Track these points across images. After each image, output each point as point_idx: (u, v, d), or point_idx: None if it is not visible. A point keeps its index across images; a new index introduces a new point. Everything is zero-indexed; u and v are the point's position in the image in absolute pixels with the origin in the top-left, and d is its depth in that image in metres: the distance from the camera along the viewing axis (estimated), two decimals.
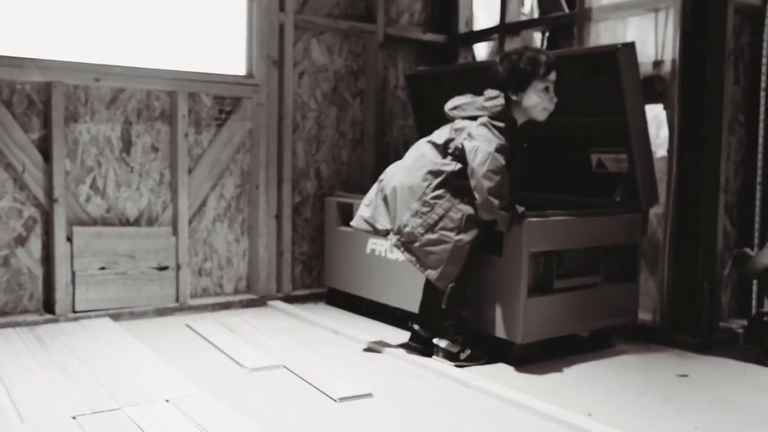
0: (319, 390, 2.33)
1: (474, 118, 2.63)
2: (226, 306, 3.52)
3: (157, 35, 3.40)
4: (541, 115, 2.68)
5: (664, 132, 3.08)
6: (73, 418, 2.02)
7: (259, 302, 3.61)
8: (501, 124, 2.58)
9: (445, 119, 2.77)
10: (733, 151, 3.24)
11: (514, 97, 2.64)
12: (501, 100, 2.61)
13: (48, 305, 3.14)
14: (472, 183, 2.52)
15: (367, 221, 2.72)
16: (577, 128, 3.06)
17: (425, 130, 3.72)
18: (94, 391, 2.24)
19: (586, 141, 3.11)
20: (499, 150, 2.52)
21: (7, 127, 3.00)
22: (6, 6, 3.02)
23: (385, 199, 2.68)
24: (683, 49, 3.00)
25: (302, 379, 2.44)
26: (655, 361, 2.76)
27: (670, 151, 3.03)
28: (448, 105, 2.77)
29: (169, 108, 3.40)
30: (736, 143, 3.26)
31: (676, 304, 3.02)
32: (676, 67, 3.02)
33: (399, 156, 4.07)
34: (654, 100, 3.08)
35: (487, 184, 2.47)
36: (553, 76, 2.64)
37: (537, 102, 2.64)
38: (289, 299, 3.67)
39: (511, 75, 2.63)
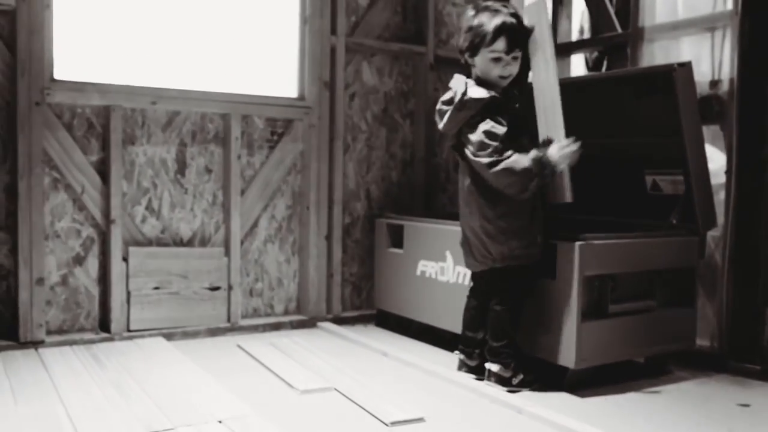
0: (371, 413, 2.32)
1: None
2: (277, 327, 3.54)
3: (212, 59, 3.47)
4: (499, 82, 2.56)
5: (722, 153, 3.01)
6: None
7: (309, 323, 3.63)
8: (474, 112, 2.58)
9: None
10: None
11: (471, 62, 2.59)
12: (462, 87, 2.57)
13: (104, 324, 3.20)
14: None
15: None
16: (631, 149, 3.02)
17: None
18: (149, 411, 2.26)
19: (641, 162, 3.07)
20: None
21: (67, 149, 3.09)
22: (67, 32, 3.11)
23: None
24: (741, 69, 2.94)
25: (353, 402, 2.44)
26: (714, 390, 2.68)
27: (728, 172, 2.96)
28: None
29: (222, 130, 3.46)
30: None
31: (735, 330, 2.93)
32: (734, 86, 2.96)
33: (449, 177, 4.10)
34: (711, 121, 3.02)
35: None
36: (500, 44, 2.49)
37: (489, 69, 2.54)
38: (339, 321, 3.67)
39: (464, 41, 2.57)
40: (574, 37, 3.94)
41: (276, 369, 2.80)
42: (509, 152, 2.45)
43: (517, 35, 2.52)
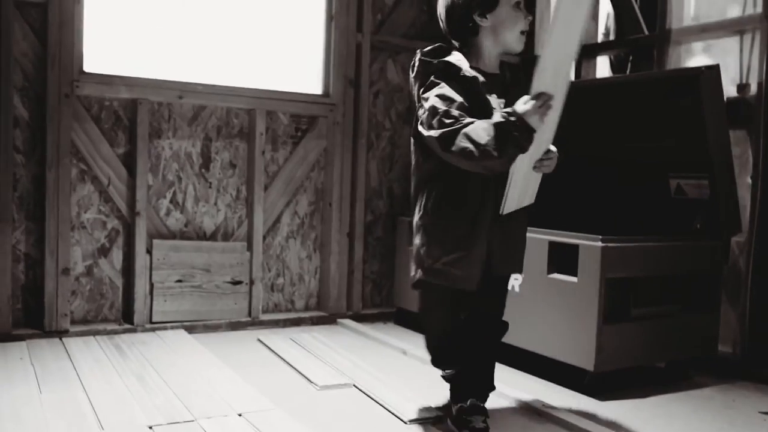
0: (389, 411, 2.33)
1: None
2: (297, 322, 3.57)
3: (238, 54, 3.49)
4: (518, 43, 2.07)
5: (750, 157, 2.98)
6: (150, 428, 2.07)
7: (329, 320, 3.64)
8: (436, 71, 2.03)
9: None
10: None
11: (481, 22, 2.03)
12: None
13: (127, 315, 3.24)
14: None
15: None
16: (656, 153, 2.99)
17: None
18: (170, 402, 2.29)
19: (666, 166, 3.04)
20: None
21: (95, 141, 3.13)
22: (97, 26, 3.15)
23: None
24: None
25: (372, 398, 2.45)
26: (735, 396, 2.66)
27: (754, 177, 2.94)
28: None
29: (247, 125, 3.48)
30: None
31: (758, 337, 2.91)
32: (763, 90, 2.93)
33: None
34: (739, 125, 3.00)
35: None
36: None
37: (511, 23, 2.04)
38: (359, 318, 3.68)
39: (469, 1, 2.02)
40: (600, 38, 3.92)
41: (296, 364, 2.82)
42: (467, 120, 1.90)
43: None
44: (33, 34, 3.00)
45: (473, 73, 2.01)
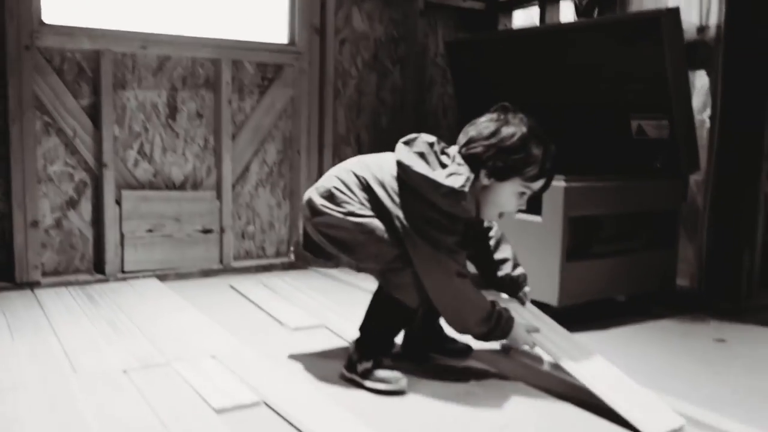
0: None
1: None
2: (268, 268, 3.61)
3: (202, 4, 3.46)
4: (492, 216, 2.10)
5: (707, 99, 3.05)
6: (124, 371, 2.11)
7: (300, 265, 3.70)
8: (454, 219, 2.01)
9: (485, 89, 2.60)
10: None
11: (483, 179, 2.01)
12: (461, 190, 1.95)
13: (98, 266, 3.26)
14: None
15: None
16: (617, 95, 3.04)
17: (465, 97, 3.75)
18: (143, 347, 2.33)
19: (627, 107, 3.10)
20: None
21: (58, 94, 3.10)
22: None
23: None
24: (728, 15, 2.96)
25: (341, 338, 2.51)
26: (692, 326, 2.77)
27: (712, 117, 3.01)
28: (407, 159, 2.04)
29: (213, 75, 3.47)
30: None
31: (714, 271, 3.02)
32: (721, 33, 2.98)
33: (438, 123, 4.13)
34: (697, 67, 3.05)
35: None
36: (538, 184, 2.05)
37: (503, 202, 2.05)
38: None
39: (499, 152, 1.99)
40: None
41: (267, 307, 2.88)
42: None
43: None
44: None
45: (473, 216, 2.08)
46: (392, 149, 2.12)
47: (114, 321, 2.61)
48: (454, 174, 1.97)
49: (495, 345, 2.35)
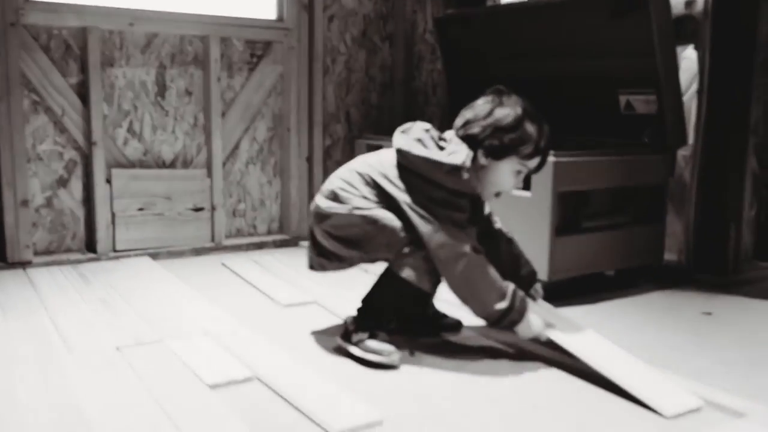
0: None
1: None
2: (260, 246, 3.63)
3: None
4: (490, 196, 2.17)
5: (694, 73, 3.06)
6: (117, 348, 2.13)
7: (292, 242, 3.71)
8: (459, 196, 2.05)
9: (474, 65, 2.62)
10: (763, 92, 3.21)
11: (480, 158, 2.07)
12: (462, 168, 2.01)
13: (90, 245, 3.26)
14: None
15: None
16: (605, 69, 3.05)
17: (454, 73, 3.75)
18: (136, 325, 2.35)
19: (615, 82, 3.11)
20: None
21: (46, 72, 3.08)
22: None
23: None
24: None
25: (333, 314, 2.54)
26: (679, 300, 2.80)
27: (699, 92, 3.02)
28: (404, 144, 2.08)
29: (201, 52, 3.46)
30: (766, 84, 3.22)
31: (701, 245, 3.05)
32: (709, 7, 2.99)
33: (428, 99, 4.13)
34: (685, 41, 3.06)
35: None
36: (534, 162, 2.12)
37: (500, 181, 2.11)
38: None
39: (495, 132, 2.05)
40: None
41: (259, 285, 2.89)
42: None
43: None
44: None
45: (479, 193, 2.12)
46: (382, 126, 2.15)
47: (106, 299, 2.62)
48: (454, 152, 2.03)
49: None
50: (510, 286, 2.03)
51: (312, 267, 2.27)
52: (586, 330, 2.16)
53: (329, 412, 1.71)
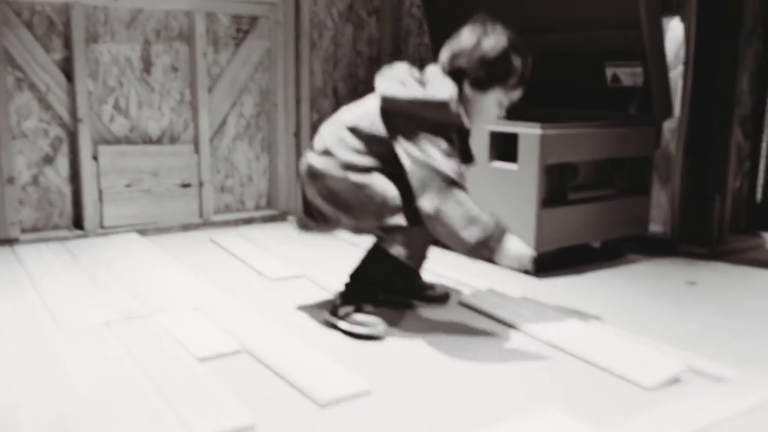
0: None
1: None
2: (248, 221, 3.63)
3: None
4: (473, 124, 2.14)
5: (680, 45, 3.06)
6: (106, 323, 2.14)
7: (280, 217, 3.72)
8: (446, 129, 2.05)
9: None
10: (749, 63, 3.23)
11: (466, 89, 2.08)
12: (449, 100, 2.02)
13: (77, 222, 3.26)
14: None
15: None
16: (592, 42, 3.05)
17: (441, 47, 3.72)
18: (125, 300, 2.36)
19: (602, 55, 3.11)
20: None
21: (29, 48, 3.06)
22: None
23: None
24: None
25: (322, 287, 2.55)
26: (665, 270, 2.83)
27: (685, 63, 3.03)
28: (386, 88, 2.10)
29: (187, 28, 3.43)
30: (752, 55, 3.24)
31: (686, 216, 3.07)
32: None
33: None
34: (671, 12, 3.06)
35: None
36: (517, 93, 2.13)
37: (484, 111, 2.13)
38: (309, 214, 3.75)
39: (482, 64, 2.05)
40: None
41: (248, 259, 2.90)
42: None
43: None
44: None
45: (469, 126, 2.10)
46: None
47: (95, 276, 2.63)
48: (439, 88, 2.03)
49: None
50: (489, 215, 1.97)
51: (298, 227, 2.26)
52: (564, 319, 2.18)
53: (317, 383, 1.73)
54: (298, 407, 1.64)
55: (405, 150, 2.01)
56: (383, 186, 2.03)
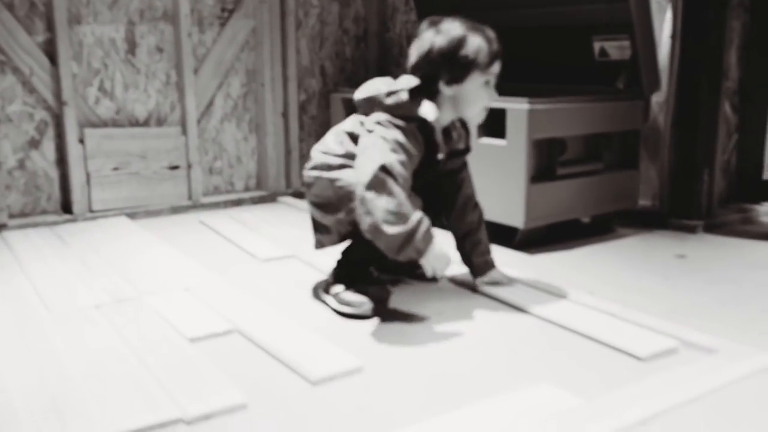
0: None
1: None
2: (238, 203, 3.62)
3: None
4: (477, 117, 2.15)
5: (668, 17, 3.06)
6: (96, 306, 2.13)
7: (269, 198, 3.71)
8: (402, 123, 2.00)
9: (447, 15, 2.57)
10: (736, 36, 3.22)
11: (447, 90, 2.06)
12: (403, 95, 2.04)
13: (66, 206, 3.24)
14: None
15: None
16: (579, 15, 3.04)
17: None
18: (115, 283, 2.35)
19: (589, 29, 3.10)
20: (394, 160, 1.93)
21: (11, 30, 3.02)
22: None
23: None
24: None
25: (312, 267, 2.55)
26: (654, 244, 2.84)
27: (673, 36, 3.02)
28: (357, 95, 2.16)
29: (171, 7, 3.39)
30: (740, 28, 3.23)
31: (675, 190, 3.08)
32: None
33: (402, 51, 4.09)
34: None
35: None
36: (496, 68, 2.07)
37: (474, 99, 2.08)
38: (299, 195, 3.74)
39: (445, 61, 2.02)
40: None
41: (238, 240, 2.90)
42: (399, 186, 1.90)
43: None
44: None
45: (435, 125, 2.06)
46: (357, 79, 2.19)
47: (84, 259, 2.61)
48: (400, 85, 2.07)
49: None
50: (416, 213, 1.88)
51: (315, 248, 2.27)
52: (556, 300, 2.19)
53: (309, 360, 1.73)
54: (290, 385, 1.64)
55: (360, 141, 2.04)
56: (352, 177, 2.02)
